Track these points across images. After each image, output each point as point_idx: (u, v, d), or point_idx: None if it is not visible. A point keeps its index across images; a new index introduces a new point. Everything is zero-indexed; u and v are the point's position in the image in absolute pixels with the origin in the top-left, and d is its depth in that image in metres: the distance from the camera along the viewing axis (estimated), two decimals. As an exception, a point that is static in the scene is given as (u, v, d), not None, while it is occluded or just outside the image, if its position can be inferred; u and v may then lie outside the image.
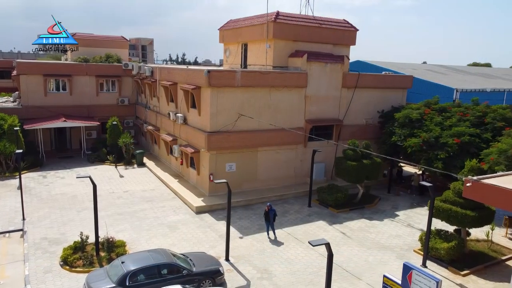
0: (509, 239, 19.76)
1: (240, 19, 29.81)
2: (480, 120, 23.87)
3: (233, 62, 30.55)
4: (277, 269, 16.14)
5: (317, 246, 10.95)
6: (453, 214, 16.69)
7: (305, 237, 18.92)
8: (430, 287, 10.60)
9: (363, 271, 16.22)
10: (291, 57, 26.28)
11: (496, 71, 56.01)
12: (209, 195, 23.71)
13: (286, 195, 24.91)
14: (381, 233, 20.07)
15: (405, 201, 25.35)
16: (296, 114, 25.82)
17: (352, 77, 27.45)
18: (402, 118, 25.65)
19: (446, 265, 16.62)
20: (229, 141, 23.53)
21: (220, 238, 18.65)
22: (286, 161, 26.09)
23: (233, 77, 23.12)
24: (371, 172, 23.54)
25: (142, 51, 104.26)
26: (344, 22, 28.57)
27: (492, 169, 18.20)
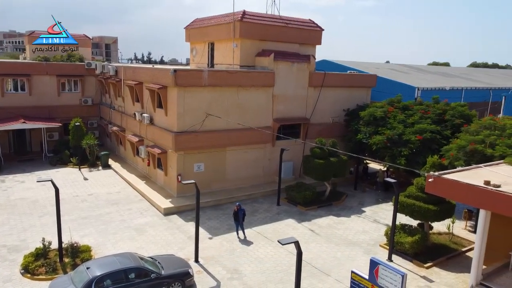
0: (469, 231, 20.63)
1: (207, 18, 29.59)
2: (440, 118, 24.78)
3: (200, 62, 30.28)
4: (247, 269, 16.14)
5: (286, 244, 11.02)
6: (417, 209, 17.26)
7: (274, 236, 19.02)
8: (396, 281, 10.90)
9: (332, 267, 16.48)
10: (258, 56, 26.33)
11: (454, 70, 58.42)
12: (177, 196, 23.40)
13: (255, 194, 24.95)
14: (348, 229, 20.47)
15: (371, 197, 25.97)
16: (264, 113, 25.91)
17: (318, 76, 27.83)
18: (367, 116, 26.25)
19: (410, 259, 17.15)
20: (197, 141, 23.30)
21: (189, 239, 18.44)
22: (254, 160, 26.14)
23: (200, 76, 22.91)
24: (338, 170, 23.97)
25: (106, 50, 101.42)
26: (310, 22, 28.92)
27: (452, 164, 18.92)
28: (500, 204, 12.85)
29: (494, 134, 19.13)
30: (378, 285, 11.38)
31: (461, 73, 54.72)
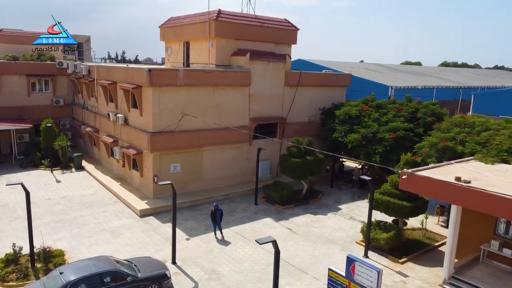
0: (441, 226, 21.18)
1: (181, 17, 29.31)
2: (413, 116, 25.34)
3: (175, 61, 29.97)
4: (225, 269, 16.08)
5: (264, 244, 11.03)
6: (391, 205, 17.60)
7: (252, 235, 19.02)
8: (372, 277, 11.07)
9: (309, 265, 16.61)
10: (234, 55, 26.26)
11: (426, 70, 59.89)
12: (154, 197, 23.09)
13: (233, 194, 24.89)
14: (325, 227, 20.68)
15: (347, 194, 26.33)
16: (240, 112, 25.86)
17: (294, 76, 27.99)
18: (342, 115, 26.58)
19: (386, 254, 17.48)
20: (173, 141, 23.05)
21: (166, 241, 18.23)
22: (231, 160, 26.06)
23: (176, 76, 22.66)
24: (315, 168, 24.20)
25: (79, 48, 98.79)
26: (285, 21, 29.05)
27: (425, 161, 19.37)
28: (471, 199, 13.25)
29: (464, 131, 19.69)
30: (355, 281, 11.53)
31: (433, 72, 56.17)
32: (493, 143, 17.92)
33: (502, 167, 16.20)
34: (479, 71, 78.56)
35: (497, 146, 17.59)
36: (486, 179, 14.21)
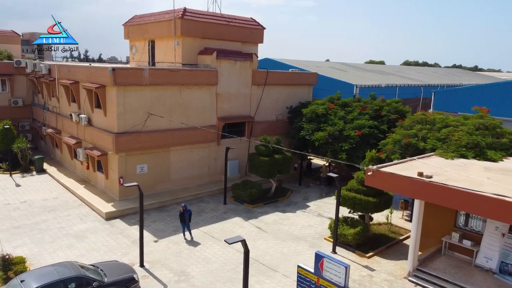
0: (405, 220, 21.84)
1: (146, 15, 28.76)
2: (377, 113, 25.98)
3: (140, 60, 29.39)
4: (194, 270, 15.92)
5: (233, 243, 10.99)
6: (358, 201, 17.98)
7: (222, 235, 18.94)
8: (340, 272, 11.27)
9: (279, 263, 16.72)
10: (200, 54, 26.03)
11: (389, 68, 61.55)
12: (120, 199, 22.55)
13: (201, 194, 24.69)
14: (294, 225, 20.87)
15: (315, 192, 26.68)
16: (208, 112, 25.68)
17: (261, 75, 28.07)
18: (309, 114, 26.90)
19: (353, 249, 17.83)
20: (139, 142, 22.59)
21: (133, 243, 17.85)
22: (199, 160, 25.85)
23: (141, 75, 22.21)
24: (283, 166, 24.38)
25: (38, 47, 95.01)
26: (252, 20, 29.08)
27: (389, 158, 19.90)
28: (433, 194, 13.74)
29: (426, 128, 20.36)
30: (323, 277, 11.70)
31: (395, 71, 57.80)
32: (452, 139, 18.62)
33: (461, 162, 16.88)
34: (439, 69, 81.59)
35: (456, 142, 18.29)
36: (447, 173, 14.77)
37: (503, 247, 14.97)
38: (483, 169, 15.77)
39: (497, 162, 16.96)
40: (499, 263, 15.02)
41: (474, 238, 16.11)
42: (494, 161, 17.07)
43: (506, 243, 14.90)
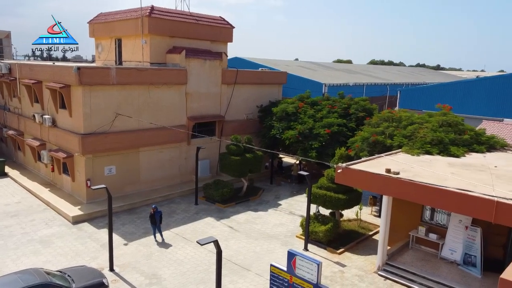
0: (374, 216, 22.35)
1: (112, 13, 28.07)
2: (345, 112, 26.45)
3: (107, 58, 28.65)
4: (166, 272, 15.69)
5: (206, 244, 10.90)
6: (328, 199, 18.25)
7: (193, 236, 18.76)
8: (313, 270, 11.39)
9: (252, 262, 16.73)
10: (169, 53, 25.66)
11: (356, 67, 62.77)
12: (87, 202, 21.93)
13: (172, 194, 24.37)
14: (266, 223, 20.95)
15: (286, 190, 26.88)
16: (177, 111, 25.36)
17: (231, 74, 27.99)
18: (279, 112, 27.06)
19: (324, 246, 18.08)
20: (106, 143, 22.03)
21: (102, 247, 17.39)
22: (170, 160, 25.50)
23: (108, 74, 21.66)
24: (254, 165, 24.41)
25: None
26: (221, 19, 28.93)
27: (358, 155, 20.30)
28: (400, 190, 14.11)
29: (392, 125, 20.90)
30: (296, 275, 11.79)
31: (362, 69, 59.03)
32: (417, 136, 19.20)
33: (426, 158, 17.43)
34: (404, 68, 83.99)
35: (421, 138, 18.88)
36: (413, 170, 15.21)
37: (466, 239, 15.57)
38: (447, 164, 16.34)
39: (459, 158, 17.61)
40: (463, 254, 15.62)
41: (439, 231, 16.69)
42: (457, 156, 17.72)
43: (469, 236, 15.51)
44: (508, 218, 11.67)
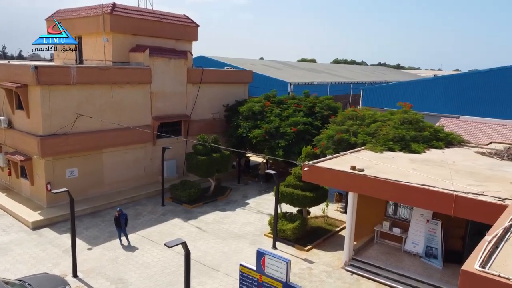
0: (340, 212, 22.79)
1: (71, 9, 27.13)
2: (311, 110, 26.81)
3: (67, 57, 27.60)
4: (133, 276, 15.34)
5: (173, 246, 10.74)
6: (296, 196, 18.42)
7: (161, 238, 18.45)
8: (282, 268, 11.47)
9: (221, 262, 16.65)
10: (132, 52, 25.07)
11: (320, 66, 63.78)
12: (48, 206, 21.09)
13: (138, 196, 23.86)
14: (234, 223, 20.91)
15: (253, 189, 26.94)
16: (142, 111, 24.84)
17: (197, 73, 27.71)
18: (246, 111, 27.07)
19: (292, 244, 18.26)
20: (67, 145, 21.26)
21: (64, 253, 16.78)
22: (135, 161, 24.94)
23: (68, 73, 20.90)
24: (221, 165, 24.30)
25: None
26: (185, 17, 28.58)
27: (324, 153, 20.63)
28: (365, 186, 14.46)
29: (356, 123, 21.39)
30: (265, 274, 11.83)
31: (326, 68, 60.03)
32: (380, 134, 19.74)
33: (389, 155, 17.95)
34: (366, 67, 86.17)
35: (384, 136, 19.42)
36: (377, 166, 15.62)
37: (427, 232, 16.17)
38: (409, 160, 16.90)
39: (420, 154, 18.26)
40: (424, 247, 16.22)
41: (402, 225, 17.24)
42: (418, 153, 18.36)
43: (430, 229, 16.11)
44: (466, 211, 12.21)
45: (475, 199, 11.96)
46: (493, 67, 28.66)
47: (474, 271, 6.23)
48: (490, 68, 28.91)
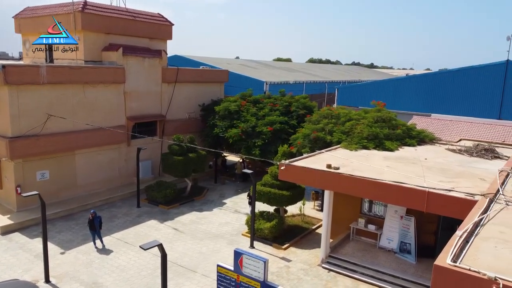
0: (317, 210, 23.01)
1: (40, 7, 26.35)
2: (287, 109, 26.96)
3: (36, 56, 26.79)
4: (108, 280, 15.04)
5: (149, 248, 10.58)
6: (273, 195, 18.49)
7: (136, 240, 18.16)
8: (259, 267, 11.48)
9: (198, 263, 16.53)
10: (104, 50, 24.56)
11: (296, 65, 64.20)
12: (18, 210, 20.43)
13: (112, 198, 23.41)
14: (211, 223, 20.80)
15: (230, 189, 26.87)
16: (115, 111, 24.38)
17: (172, 72, 27.41)
18: (222, 111, 26.97)
19: (270, 243, 18.31)
20: (38, 146, 20.63)
21: (36, 258, 16.29)
22: (109, 162, 24.46)
23: (37, 72, 20.28)
24: (198, 165, 24.13)
25: None
26: (159, 16, 28.20)
27: (300, 151, 20.78)
28: (340, 184, 14.64)
29: (331, 122, 21.63)
30: (243, 274, 11.82)
31: (302, 68, 60.46)
32: (355, 132, 20.04)
33: (364, 153, 18.24)
34: (340, 67, 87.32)
35: (359, 134, 19.72)
36: (352, 164, 15.85)
37: (401, 228, 16.53)
38: (383, 158, 17.22)
39: (394, 152, 18.63)
40: (399, 243, 16.57)
41: (377, 222, 17.55)
42: (391, 150, 18.73)
43: (404, 225, 16.47)
44: (438, 206, 12.53)
45: (446, 195, 12.29)
46: (462, 67, 29.53)
47: (446, 265, 6.39)
48: (459, 68, 29.76)
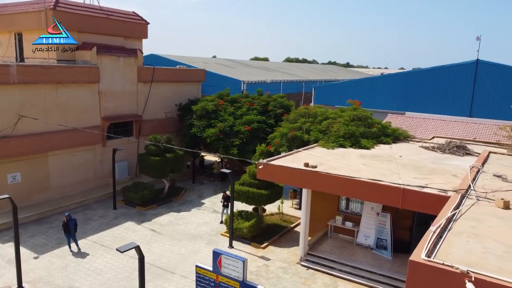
0: (295, 208, 23.16)
1: (9, 4, 25.54)
2: (264, 108, 27.01)
3: (6, 55, 26.00)
4: (84, 284, 14.72)
5: (126, 251, 10.42)
6: (251, 195, 18.51)
7: (113, 243, 17.84)
8: (238, 267, 11.47)
9: (177, 264, 16.39)
10: (78, 50, 24.00)
11: (273, 65, 64.44)
12: (-12, 214, 19.76)
13: (87, 200, 22.94)
14: (190, 223, 20.65)
15: (209, 188, 26.73)
16: (90, 111, 23.88)
17: (148, 71, 27.05)
18: (199, 110, 26.79)
19: (249, 242, 18.33)
20: (8, 148, 20.00)
21: (8, 263, 15.80)
22: (83, 164, 23.94)
23: (7, 72, 19.65)
24: (175, 165, 23.91)
25: None
26: (134, 14, 27.77)
27: (278, 150, 20.85)
28: (318, 182, 14.77)
29: (309, 121, 21.79)
30: (222, 274, 11.78)
31: (279, 67, 60.74)
32: (332, 130, 20.25)
33: (340, 151, 18.47)
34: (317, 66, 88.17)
35: (335, 132, 19.94)
36: (329, 163, 16.02)
37: (378, 225, 16.83)
38: (359, 156, 17.48)
39: (370, 149, 18.94)
40: (375, 239, 16.87)
41: (354, 219, 17.82)
42: (367, 148, 19.03)
43: (380, 221, 16.78)
44: (412, 203, 12.81)
45: (421, 191, 12.58)
46: (434, 66, 30.31)
47: (421, 260, 6.54)
48: (432, 67, 30.54)
